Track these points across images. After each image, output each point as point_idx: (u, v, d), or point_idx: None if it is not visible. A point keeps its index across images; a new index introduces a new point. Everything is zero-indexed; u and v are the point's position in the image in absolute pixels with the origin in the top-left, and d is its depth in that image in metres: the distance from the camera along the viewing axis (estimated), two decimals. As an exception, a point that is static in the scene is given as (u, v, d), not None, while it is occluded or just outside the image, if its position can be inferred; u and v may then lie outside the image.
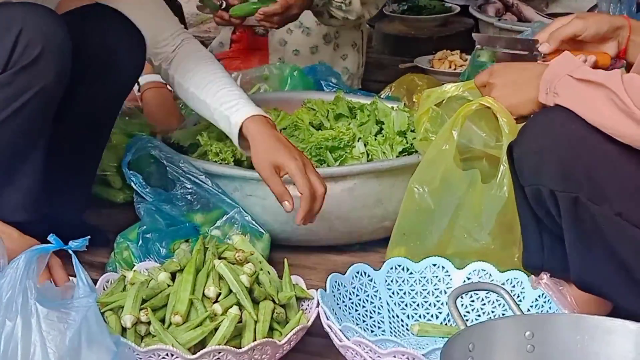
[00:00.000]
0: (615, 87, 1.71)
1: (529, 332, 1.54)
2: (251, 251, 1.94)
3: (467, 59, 3.30)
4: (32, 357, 1.52)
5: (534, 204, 1.87)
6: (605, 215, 1.78)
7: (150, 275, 1.89)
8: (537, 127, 1.85)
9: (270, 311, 1.81)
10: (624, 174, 1.78)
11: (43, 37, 1.97)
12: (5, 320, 1.53)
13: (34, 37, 1.96)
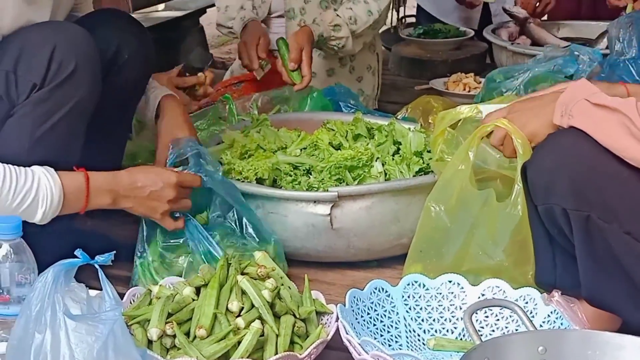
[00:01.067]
0: (630, 114, 1.71)
1: (541, 347, 1.54)
2: (272, 267, 1.94)
3: (481, 82, 3.30)
4: (61, 370, 1.53)
5: (547, 223, 1.87)
6: (615, 233, 1.78)
7: (175, 290, 1.89)
8: (550, 148, 1.85)
9: (291, 325, 1.81)
10: (634, 194, 1.78)
11: (75, 53, 2.00)
12: (34, 332, 1.54)
13: (68, 53, 1.99)
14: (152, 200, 2.07)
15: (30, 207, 1.93)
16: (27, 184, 1.92)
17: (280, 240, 2.26)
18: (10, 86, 1.98)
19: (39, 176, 1.94)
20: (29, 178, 1.92)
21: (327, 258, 2.30)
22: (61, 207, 1.97)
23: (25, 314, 1.56)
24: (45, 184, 1.93)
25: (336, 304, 1.85)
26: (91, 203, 2.00)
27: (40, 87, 1.98)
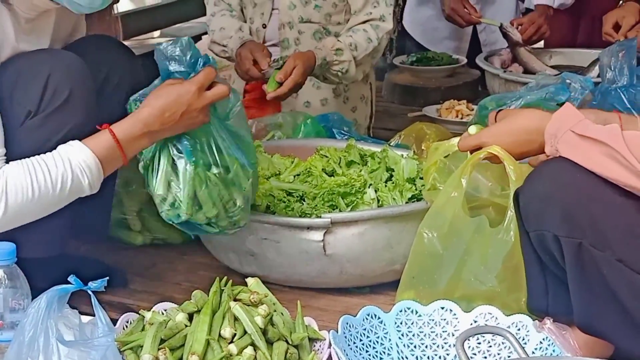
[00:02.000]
0: (617, 145, 1.73)
1: (534, 373, 1.54)
2: (265, 293, 1.94)
3: (474, 109, 3.31)
4: (53, 396, 1.53)
5: (539, 249, 1.88)
6: (607, 260, 1.79)
7: (168, 316, 1.89)
8: (542, 175, 1.86)
9: (284, 352, 1.81)
10: (626, 221, 1.78)
11: (70, 80, 2.02)
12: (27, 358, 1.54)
13: (62, 81, 2.01)
14: (186, 119, 2.03)
15: (74, 185, 1.94)
16: (58, 167, 1.93)
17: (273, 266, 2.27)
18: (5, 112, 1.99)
19: (67, 153, 1.94)
20: (57, 160, 1.93)
21: (319, 284, 2.29)
22: (103, 170, 1.98)
23: (19, 339, 1.56)
24: (77, 158, 1.94)
25: (329, 330, 1.85)
26: (129, 153, 2.01)
27: (35, 114, 1.99)
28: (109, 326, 1.61)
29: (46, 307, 1.57)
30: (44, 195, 1.91)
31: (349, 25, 3.16)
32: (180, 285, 2.34)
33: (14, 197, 1.89)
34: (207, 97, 2.03)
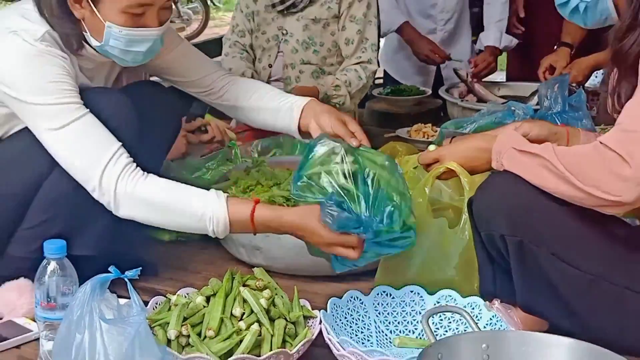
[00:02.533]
0: (549, 157, 1.74)
1: (484, 345, 1.54)
2: (268, 280, 1.94)
3: (437, 130, 3.31)
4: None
5: (488, 246, 1.89)
6: (543, 254, 1.81)
7: (189, 299, 1.89)
8: (490, 186, 1.88)
9: (283, 327, 1.81)
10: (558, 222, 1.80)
11: (118, 115, 2.00)
12: (75, 333, 1.54)
13: (111, 116, 1.98)
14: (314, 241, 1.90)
15: (199, 225, 1.88)
16: (192, 206, 1.88)
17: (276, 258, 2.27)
18: None
19: (208, 198, 1.88)
20: (200, 201, 1.88)
21: (312, 272, 2.29)
22: (230, 229, 1.88)
23: (68, 318, 1.56)
24: (213, 209, 1.86)
25: (319, 310, 1.86)
26: (258, 230, 1.90)
27: None
28: (141, 307, 1.60)
29: (91, 292, 1.56)
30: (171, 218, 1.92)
31: (343, 66, 3.18)
32: (200, 273, 2.34)
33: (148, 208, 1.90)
34: (331, 250, 1.89)
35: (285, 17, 3.19)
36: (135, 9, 1.87)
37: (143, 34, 1.92)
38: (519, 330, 1.79)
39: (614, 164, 1.65)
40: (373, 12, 3.18)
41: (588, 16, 1.90)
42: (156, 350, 1.58)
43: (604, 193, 1.67)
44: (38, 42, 1.89)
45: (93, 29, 1.93)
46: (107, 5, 1.87)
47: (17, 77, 1.89)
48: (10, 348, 1.90)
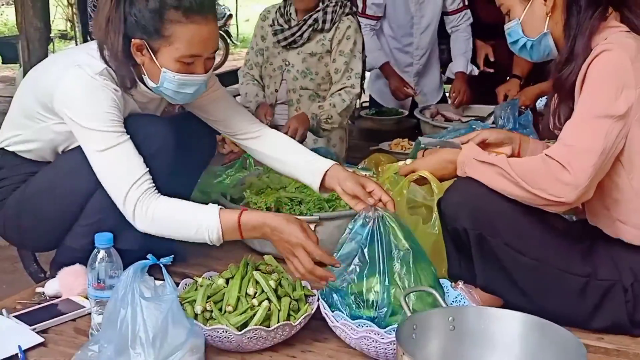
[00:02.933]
0: (503, 166, 1.75)
1: (451, 317, 1.55)
2: (276, 265, 1.93)
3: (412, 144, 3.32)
4: (138, 333, 1.53)
5: (454, 238, 1.90)
6: (498, 244, 1.82)
7: (212, 280, 1.88)
8: (455, 190, 1.89)
9: (288, 303, 1.80)
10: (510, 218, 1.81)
11: (160, 137, 1.99)
12: (120, 309, 1.54)
13: (153, 138, 1.97)
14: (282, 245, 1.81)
15: (197, 236, 1.84)
16: (190, 221, 1.84)
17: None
18: None
19: (204, 214, 1.83)
20: (193, 215, 1.84)
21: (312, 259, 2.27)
22: (222, 237, 1.82)
23: (114, 296, 1.56)
24: (208, 221, 1.81)
25: (318, 290, 1.85)
26: (245, 236, 1.85)
27: None
28: (173, 287, 1.61)
29: (132, 275, 1.57)
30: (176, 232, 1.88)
31: (331, 91, 3.18)
32: (221, 260, 2.32)
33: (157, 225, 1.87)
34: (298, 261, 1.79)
35: (288, 52, 3.21)
36: (187, 59, 1.87)
37: (192, 79, 1.91)
38: (478, 306, 1.79)
39: (557, 172, 1.67)
40: (358, 49, 3.18)
41: (534, 52, 1.91)
42: (185, 322, 1.59)
43: (549, 195, 1.69)
44: (97, 75, 1.88)
45: (151, 73, 1.92)
46: (164, 54, 1.86)
47: (77, 103, 1.88)
48: (68, 321, 1.90)
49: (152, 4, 1.82)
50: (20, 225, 2.08)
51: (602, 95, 1.69)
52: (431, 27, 3.93)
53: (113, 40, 1.87)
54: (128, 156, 1.88)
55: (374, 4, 3.85)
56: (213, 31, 1.90)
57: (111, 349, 1.52)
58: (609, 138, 1.68)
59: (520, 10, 1.86)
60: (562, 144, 1.71)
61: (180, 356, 1.55)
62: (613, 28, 1.76)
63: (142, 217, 1.85)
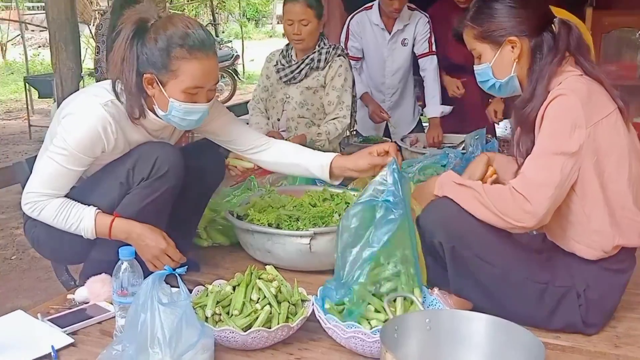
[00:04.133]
0: (479, 190, 1.76)
1: (427, 319, 1.55)
2: (276, 274, 1.92)
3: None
4: (156, 334, 1.52)
5: (431, 250, 1.90)
6: (469, 256, 1.82)
7: (221, 288, 1.88)
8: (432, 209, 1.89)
9: (287, 308, 1.80)
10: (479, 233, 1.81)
11: (168, 161, 2.00)
12: (141, 313, 1.54)
13: (164, 161, 1.99)
14: (147, 254, 1.99)
15: (77, 231, 1.97)
16: (71, 219, 1.95)
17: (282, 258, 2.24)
18: (129, 177, 1.99)
19: (84, 214, 1.96)
20: (76, 216, 1.95)
21: (308, 268, 2.27)
22: (95, 235, 1.97)
23: (136, 302, 1.56)
24: (85, 221, 1.95)
25: (313, 295, 1.85)
26: (113, 237, 1.97)
27: (146, 178, 1.99)
28: (187, 294, 1.60)
29: (152, 284, 1.56)
30: (58, 224, 1.97)
31: (326, 120, 3.20)
32: (228, 269, 2.32)
33: (42, 218, 1.97)
34: (159, 262, 1.99)
35: (288, 86, 3.24)
36: (191, 90, 1.89)
37: (196, 108, 1.93)
38: (452, 309, 1.79)
39: (520, 202, 1.70)
40: (348, 84, 3.21)
41: (501, 91, 1.92)
42: (197, 324, 1.59)
43: (513, 220, 1.72)
44: (102, 105, 1.91)
45: (160, 103, 1.94)
46: (171, 86, 1.89)
47: (73, 119, 1.93)
48: (95, 324, 1.90)
49: (160, 44, 1.85)
50: (52, 242, 2.08)
51: (557, 135, 1.71)
52: (401, 69, 3.92)
53: (127, 76, 1.89)
54: (58, 177, 1.94)
55: (353, 46, 3.89)
56: (213, 65, 1.93)
57: (133, 348, 1.52)
58: (564, 172, 1.70)
59: (491, 55, 1.87)
60: (524, 177, 1.74)
61: (192, 354, 1.55)
62: (569, 72, 1.79)
63: (28, 211, 1.97)
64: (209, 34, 1.93)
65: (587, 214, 1.77)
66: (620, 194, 1.77)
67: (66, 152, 1.91)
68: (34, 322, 1.87)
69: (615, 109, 1.77)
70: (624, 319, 1.95)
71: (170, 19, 1.89)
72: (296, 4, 3.03)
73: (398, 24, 3.80)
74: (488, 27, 1.84)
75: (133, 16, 1.89)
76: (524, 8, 1.82)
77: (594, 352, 1.78)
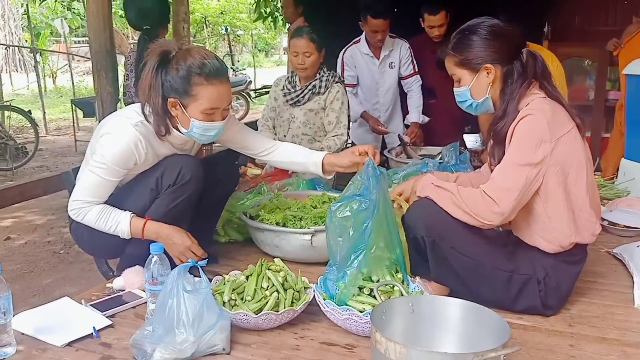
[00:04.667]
0: (454, 191, 1.75)
1: (411, 303, 1.54)
2: (282, 266, 1.91)
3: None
4: (181, 317, 1.52)
5: (414, 243, 1.88)
6: (447, 248, 1.81)
7: (236, 277, 1.87)
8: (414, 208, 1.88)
9: (292, 294, 1.79)
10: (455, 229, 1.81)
11: (191, 171, 1.99)
12: (168, 299, 1.53)
13: (187, 171, 1.99)
14: (174, 251, 1.99)
15: (115, 233, 1.97)
16: (110, 222, 1.95)
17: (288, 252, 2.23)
18: (158, 184, 1.99)
19: (121, 218, 1.95)
20: (114, 219, 1.95)
21: (309, 260, 2.26)
22: (130, 236, 1.97)
23: (164, 290, 1.56)
24: (122, 224, 1.95)
25: (314, 284, 1.84)
26: (145, 237, 1.96)
27: (172, 185, 1.98)
28: (207, 283, 1.60)
29: (177, 274, 1.56)
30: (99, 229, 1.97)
31: (327, 137, 3.19)
32: (242, 261, 2.31)
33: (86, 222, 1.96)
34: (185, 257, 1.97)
35: (293, 108, 3.23)
36: (208, 111, 1.90)
37: (213, 125, 1.94)
38: (431, 295, 1.78)
39: (489, 204, 1.70)
40: (345, 107, 3.20)
41: (477, 109, 1.92)
42: (216, 309, 1.59)
43: (482, 219, 1.72)
44: (133, 125, 1.92)
45: (183, 122, 1.94)
46: (192, 108, 1.89)
47: (109, 138, 1.92)
48: (129, 308, 1.89)
49: (182, 72, 1.86)
50: (93, 240, 2.08)
51: (525, 149, 1.71)
52: (391, 88, 3.95)
53: (154, 100, 1.90)
54: (99, 187, 1.94)
55: (349, 75, 3.90)
56: (227, 89, 1.93)
57: (161, 329, 1.52)
58: (528, 179, 1.71)
59: (469, 80, 1.87)
60: (494, 182, 1.74)
61: (212, 334, 1.55)
62: (535, 94, 1.80)
63: (73, 216, 1.97)
64: (222, 62, 1.93)
65: (548, 214, 1.77)
66: (579, 197, 1.77)
67: (104, 165, 1.91)
68: (79, 307, 1.87)
69: (574, 125, 1.78)
70: (577, 303, 1.94)
71: (188, 51, 1.89)
72: (301, 39, 3.05)
73: (384, 51, 3.84)
74: (467, 56, 1.85)
75: (157, 49, 1.89)
76: (498, 40, 1.83)
77: (552, 331, 1.76)
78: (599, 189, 3.12)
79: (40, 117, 9.35)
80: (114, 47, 3.71)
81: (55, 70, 15.13)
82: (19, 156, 7.15)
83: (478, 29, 1.83)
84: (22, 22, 15.11)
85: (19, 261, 4.01)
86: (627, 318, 1.84)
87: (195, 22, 14.09)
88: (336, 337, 1.70)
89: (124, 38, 12.16)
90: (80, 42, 17.23)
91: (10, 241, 4.44)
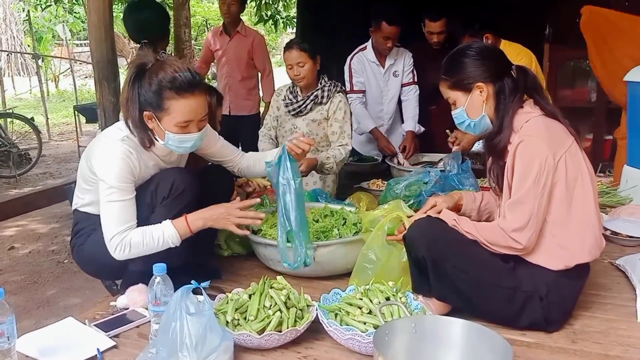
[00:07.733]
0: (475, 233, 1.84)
1: (414, 324, 1.54)
2: (285, 284, 1.92)
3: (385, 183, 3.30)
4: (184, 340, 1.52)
5: (416, 262, 1.89)
6: (448, 267, 1.81)
7: (239, 296, 1.87)
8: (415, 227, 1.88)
9: (295, 313, 1.80)
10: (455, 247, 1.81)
11: (184, 182, 2.01)
12: (171, 322, 1.53)
13: (180, 183, 2.00)
14: (222, 220, 2.03)
15: (164, 246, 1.95)
16: (156, 236, 1.93)
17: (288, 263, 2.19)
18: (153, 198, 2.00)
19: (164, 227, 1.94)
20: (158, 231, 1.94)
21: (313, 275, 2.26)
22: (180, 239, 1.96)
23: (167, 312, 1.56)
24: (168, 232, 1.94)
25: (316, 301, 1.85)
26: (194, 230, 1.99)
27: (167, 197, 1.99)
28: (210, 304, 1.60)
29: (180, 296, 1.56)
30: (148, 246, 1.94)
31: (332, 146, 3.18)
32: (245, 275, 2.32)
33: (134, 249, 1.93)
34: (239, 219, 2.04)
35: (295, 118, 3.22)
36: (182, 124, 1.93)
37: (188, 137, 1.96)
38: (434, 315, 1.78)
39: (511, 243, 1.79)
40: (347, 116, 3.19)
41: (476, 129, 1.93)
42: (219, 329, 1.59)
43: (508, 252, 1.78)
44: (119, 141, 1.94)
45: (159, 134, 1.97)
46: (166, 121, 1.92)
47: (103, 163, 1.93)
48: (133, 327, 1.90)
49: (154, 87, 1.88)
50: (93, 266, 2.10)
51: (530, 181, 1.73)
52: (395, 97, 3.95)
53: (132, 114, 1.93)
54: (123, 211, 1.92)
55: (358, 81, 3.88)
56: (200, 102, 1.94)
57: (165, 352, 1.52)
58: (540, 208, 1.75)
59: (464, 100, 1.88)
60: (509, 223, 1.77)
61: (215, 356, 1.55)
62: (529, 113, 1.81)
63: (119, 254, 1.93)
64: (196, 74, 1.93)
65: (553, 234, 1.79)
66: (588, 213, 1.79)
67: (114, 189, 1.90)
68: (83, 328, 1.87)
69: (573, 140, 1.78)
70: (580, 317, 1.94)
71: (161, 64, 1.90)
72: (292, 50, 3.04)
73: (389, 60, 3.83)
74: (459, 77, 1.87)
75: (135, 61, 1.92)
76: (487, 59, 1.86)
77: (555, 347, 1.76)
78: (602, 196, 3.13)
79: (43, 122, 9.37)
80: (116, 56, 3.70)
81: (58, 74, 15.16)
82: (22, 163, 7.17)
83: (467, 51, 1.87)
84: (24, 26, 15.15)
85: (23, 272, 4.02)
86: (630, 333, 1.83)
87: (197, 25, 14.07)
88: (339, 357, 1.71)
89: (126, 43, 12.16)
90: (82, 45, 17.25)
91: (14, 250, 4.45)
